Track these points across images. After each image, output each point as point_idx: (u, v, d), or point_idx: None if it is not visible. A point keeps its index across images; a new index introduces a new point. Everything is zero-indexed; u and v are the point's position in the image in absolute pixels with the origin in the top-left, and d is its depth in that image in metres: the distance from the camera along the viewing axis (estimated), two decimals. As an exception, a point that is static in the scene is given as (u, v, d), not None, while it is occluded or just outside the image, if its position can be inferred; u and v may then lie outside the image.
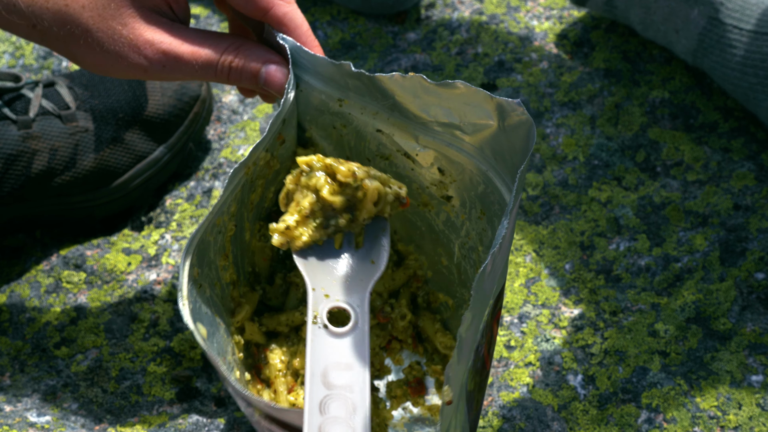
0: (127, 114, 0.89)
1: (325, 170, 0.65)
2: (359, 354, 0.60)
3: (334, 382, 0.58)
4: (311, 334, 0.61)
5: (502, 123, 0.64)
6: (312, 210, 0.65)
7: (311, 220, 0.65)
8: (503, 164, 0.67)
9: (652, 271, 0.86)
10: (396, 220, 0.77)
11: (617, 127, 0.94)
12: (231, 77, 0.64)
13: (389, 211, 0.67)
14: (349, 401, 0.57)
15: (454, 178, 0.70)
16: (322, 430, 0.56)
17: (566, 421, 0.78)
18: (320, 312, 0.62)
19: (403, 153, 0.71)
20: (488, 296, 0.61)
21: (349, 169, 0.65)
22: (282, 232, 0.65)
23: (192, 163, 0.95)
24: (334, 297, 0.63)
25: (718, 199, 0.89)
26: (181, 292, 0.61)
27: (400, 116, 0.69)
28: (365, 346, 0.61)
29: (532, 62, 0.99)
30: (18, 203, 0.87)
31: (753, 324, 0.82)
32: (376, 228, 0.67)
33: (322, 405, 0.57)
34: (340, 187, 0.65)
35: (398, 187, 0.67)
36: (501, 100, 0.63)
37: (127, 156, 0.89)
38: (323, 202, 0.65)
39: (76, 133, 0.87)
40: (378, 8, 1.02)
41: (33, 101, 0.87)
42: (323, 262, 0.65)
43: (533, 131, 0.62)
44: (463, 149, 0.68)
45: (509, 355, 0.82)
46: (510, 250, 0.65)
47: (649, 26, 0.95)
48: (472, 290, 0.57)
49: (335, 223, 0.65)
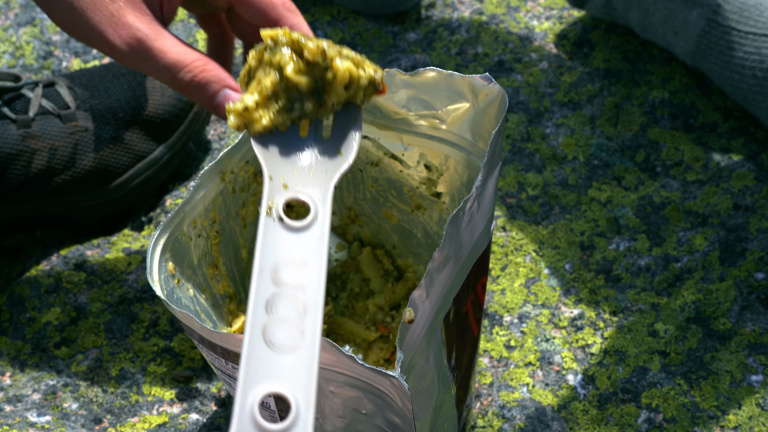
0: (127, 114, 0.89)
1: (291, 46, 0.58)
2: (316, 251, 0.53)
3: (284, 280, 0.52)
4: (263, 226, 0.54)
5: (476, 101, 0.65)
6: (274, 90, 0.58)
7: (273, 102, 0.58)
8: (483, 142, 0.67)
9: (651, 271, 0.86)
10: (393, 233, 0.78)
11: (617, 127, 0.94)
12: (188, 89, 0.63)
13: (362, 98, 0.60)
14: (299, 302, 0.51)
15: (441, 172, 0.71)
16: (266, 331, 0.50)
17: (566, 420, 0.79)
18: (276, 203, 0.54)
19: (391, 155, 0.71)
20: (464, 248, 0.61)
21: (318, 45, 0.57)
22: (239, 113, 0.58)
23: (192, 162, 0.95)
24: (294, 188, 0.56)
25: (717, 199, 0.89)
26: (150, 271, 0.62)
27: (382, 116, 0.69)
28: (324, 243, 0.54)
29: (532, 62, 0.99)
30: (17, 202, 0.87)
31: (753, 324, 0.82)
32: (347, 116, 0.60)
33: (269, 304, 0.51)
34: (307, 66, 0.58)
35: (373, 70, 0.59)
36: (471, 78, 0.63)
37: (126, 156, 0.89)
38: (287, 81, 0.57)
39: (75, 132, 0.87)
40: (378, 8, 1.02)
41: (33, 101, 0.87)
42: (285, 149, 0.58)
43: (505, 99, 0.62)
44: (444, 139, 0.69)
45: (509, 354, 0.82)
46: (493, 213, 0.65)
47: (648, 28, 0.95)
48: (444, 230, 0.57)
49: (300, 107, 0.58)
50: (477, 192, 0.60)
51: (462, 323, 0.66)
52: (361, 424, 0.63)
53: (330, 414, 0.64)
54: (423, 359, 0.61)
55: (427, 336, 0.61)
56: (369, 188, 0.76)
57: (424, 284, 0.57)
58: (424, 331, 0.60)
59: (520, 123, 0.95)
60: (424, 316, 0.59)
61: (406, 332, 0.57)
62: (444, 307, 0.62)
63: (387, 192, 0.75)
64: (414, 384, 0.60)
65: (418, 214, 0.75)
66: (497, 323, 0.84)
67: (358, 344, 0.77)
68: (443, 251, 0.58)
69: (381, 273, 0.79)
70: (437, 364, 0.63)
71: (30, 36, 1.05)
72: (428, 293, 0.58)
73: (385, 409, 0.60)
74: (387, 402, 0.59)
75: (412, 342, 0.58)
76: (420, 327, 0.59)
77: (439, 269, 0.59)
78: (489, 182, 0.62)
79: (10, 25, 1.06)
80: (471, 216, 0.60)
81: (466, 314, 0.65)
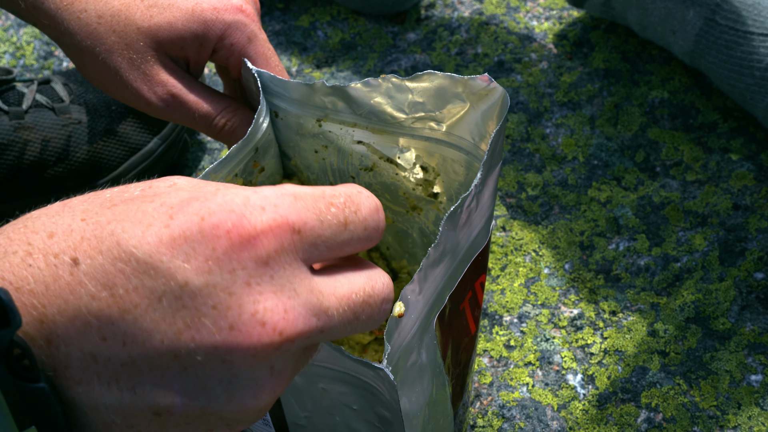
0: (120, 106, 0.89)
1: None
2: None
3: None
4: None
5: (474, 101, 0.65)
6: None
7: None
8: (484, 142, 0.67)
9: (651, 271, 0.86)
10: (387, 233, 0.78)
11: (617, 127, 0.94)
12: (222, 134, 0.69)
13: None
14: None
15: (438, 173, 0.71)
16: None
17: (566, 420, 0.79)
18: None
19: (386, 159, 0.71)
20: (461, 245, 0.62)
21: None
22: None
23: (189, 156, 0.95)
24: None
25: (717, 199, 0.89)
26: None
27: (378, 121, 0.69)
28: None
29: (531, 62, 0.99)
30: (13, 199, 0.87)
31: (752, 324, 0.82)
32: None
33: None
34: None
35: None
36: (470, 79, 0.64)
37: (120, 148, 0.89)
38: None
39: (68, 124, 0.87)
40: (378, 8, 1.02)
41: (27, 95, 0.87)
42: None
43: (506, 99, 0.62)
44: (442, 140, 0.69)
45: (509, 354, 0.82)
46: (492, 212, 0.66)
47: (647, 27, 0.96)
48: (440, 227, 0.57)
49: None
50: (476, 190, 0.60)
51: (458, 321, 0.66)
52: (352, 420, 0.63)
53: (322, 412, 0.64)
54: (415, 355, 0.61)
55: (420, 332, 0.61)
56: None
57: (416, 279, 0.57)
58: (416, 327, 0.60)
59: (520, 123, 0.95)
60: (416, 311, 0.59)
61: (395, 326, 0.57)
62: (438, 303, 0.62)
63: (380, 196, 0.75)
64: (405, 379, 0.60)
65: (414, 214, 0.75)
66: (497, 323, 0.84)
67: (353, 347, 0.77)
68: (438, 248, 0.58)
69: None
70: (430, 360, 0.63)
71: (30, 36, 1.05)
72: (421, 288, 0.58)
73: (374, 403, 0.60)
74: (375, 395, 0.59)
75: (402, 336, 0.58)
76: (411, 322, 0.59)
77: (434, 265, 0.59)
78: (488, 181, 0.62)
79: (11, 26, 1.06)
80: (469, 214, 0.60)
81: (462, 312, 0.66)
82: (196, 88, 0.68)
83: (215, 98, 0.69)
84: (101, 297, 0.36)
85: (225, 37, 0.66)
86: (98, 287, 0.36)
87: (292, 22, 1.05)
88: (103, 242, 0.37)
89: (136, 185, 0.40)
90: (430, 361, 0.64)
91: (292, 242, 0.38)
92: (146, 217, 0.37)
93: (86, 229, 0.37)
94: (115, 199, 0.39)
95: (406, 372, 0.61)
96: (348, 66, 1.01)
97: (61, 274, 0.36)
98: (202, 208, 0.37)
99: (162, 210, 0.37)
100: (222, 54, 0.67)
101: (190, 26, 0.66)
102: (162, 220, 0.37)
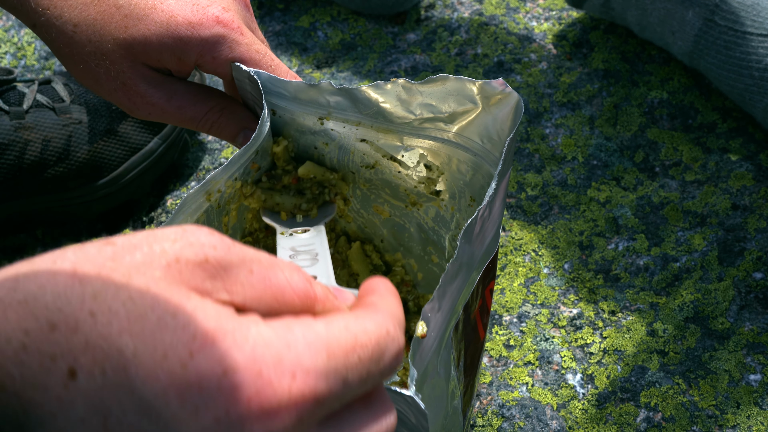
0: None
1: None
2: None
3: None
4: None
5: (487, 104, 0.65)
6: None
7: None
8: (492, 145, 0.67)
9: (650, 271, 0.86)
10: (382, 227, 0.77)
11: (616, 127, 0.95)
12: (211, 132, 0.69)
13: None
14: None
15: (442, 171, 0.71)
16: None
17: (565, 420, 0.79)
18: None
19: (389, 157, 0.71)
20: (475, 255, 0.61)
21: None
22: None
23: (190, 157, 0.95)
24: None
25: (716, 199, 0.89)
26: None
27: (383, 121, 0.69)
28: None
29: (531, 63, 0.99)
30: (14, 199, 0.87)
31: (751, 323, 0.82)
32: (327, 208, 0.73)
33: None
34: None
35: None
36: (483, 82, 0.63)
37: (121, 148, 0.89)
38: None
39: (69, 124, 0.87)
40: (378, 9, 1.03)
41: (27, 95, 0.87)
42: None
43: (520, 104, 0.61)
44: (449, 140, 0.68)
45: (508, 354, 0.82)
46: (501, 222, 0.66)
47: (646, 27, 0.96)
48: (458, 241, 0.57)
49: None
50: (489, 200, 0.59)
51: (471, 330, 0.65)
52: None
53: None
54: (434, 371, 0.60)
55: (438, 347, 0.60)
56: (360, 187, 0.76)
57: (436, 296, 0.55)
58: (435, 344, 0.59)
59: (520, 123, 0.95)
60: (436, 328, 0.58)
61: (419, 347, 0.55)
62: (454, 316, 0.61)
63: (380, 190, 0.75)
64: (427, 399, 0.60)
65: (413, 210, 0.75)
66: (497, 322, 0.84)
67: None
68: (456, 263, 0.57)
69: (370, 268, 0.79)
70: (447, 374, 0.63)
71: (31, 37, 1.05)
72: (440, 305, 0.57)
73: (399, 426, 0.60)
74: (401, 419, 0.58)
75: (424, 356, 0.57)
76: (432, 340, 0.58)
77: (452, 280, 0.58)
78: (500, 188, 0.62)
79: (12, 26, 1.06)
80: (483, 224, 0.60)
81: (474, 320, 0.65)
82: (177, 93, 0.66)
83: (200, 99, 0.67)
84: (91, 422, 0.32)
85: (205, 54, 0.64)
86: (90, 411, 0.32)
87: (292, 22, 1.05)
88: (108, 359, 0.32)
89: (161, 254, 0.35)
90: (446, 374, 0.63)
91: (312, 415, 0.35)
92: (162, 343, 0.33)
93: (93, 332, 0.33)
94: (133, 279, 0.34)
95: (427, 390, 0.60)
96: (348, 66, 1.01)
97: (53, 385, 0.32)
98: (227, 357, 0.33)
99: (183, 338, 0.33)
100: (206, 67, 0.65)
101: (165, 42, 0.63)
102: (180, 355, 0.33)
